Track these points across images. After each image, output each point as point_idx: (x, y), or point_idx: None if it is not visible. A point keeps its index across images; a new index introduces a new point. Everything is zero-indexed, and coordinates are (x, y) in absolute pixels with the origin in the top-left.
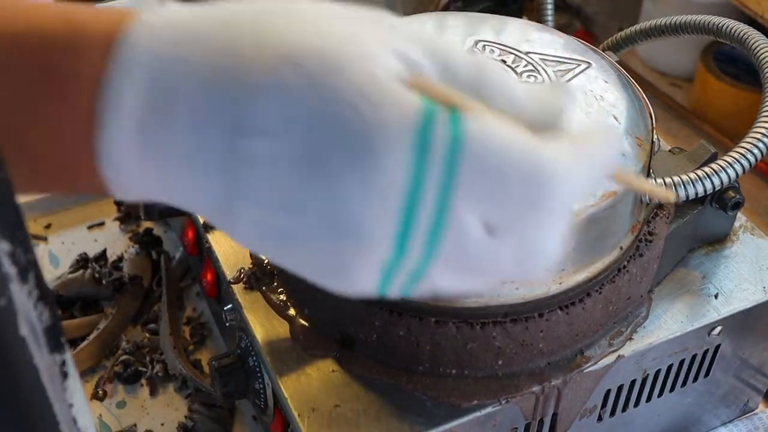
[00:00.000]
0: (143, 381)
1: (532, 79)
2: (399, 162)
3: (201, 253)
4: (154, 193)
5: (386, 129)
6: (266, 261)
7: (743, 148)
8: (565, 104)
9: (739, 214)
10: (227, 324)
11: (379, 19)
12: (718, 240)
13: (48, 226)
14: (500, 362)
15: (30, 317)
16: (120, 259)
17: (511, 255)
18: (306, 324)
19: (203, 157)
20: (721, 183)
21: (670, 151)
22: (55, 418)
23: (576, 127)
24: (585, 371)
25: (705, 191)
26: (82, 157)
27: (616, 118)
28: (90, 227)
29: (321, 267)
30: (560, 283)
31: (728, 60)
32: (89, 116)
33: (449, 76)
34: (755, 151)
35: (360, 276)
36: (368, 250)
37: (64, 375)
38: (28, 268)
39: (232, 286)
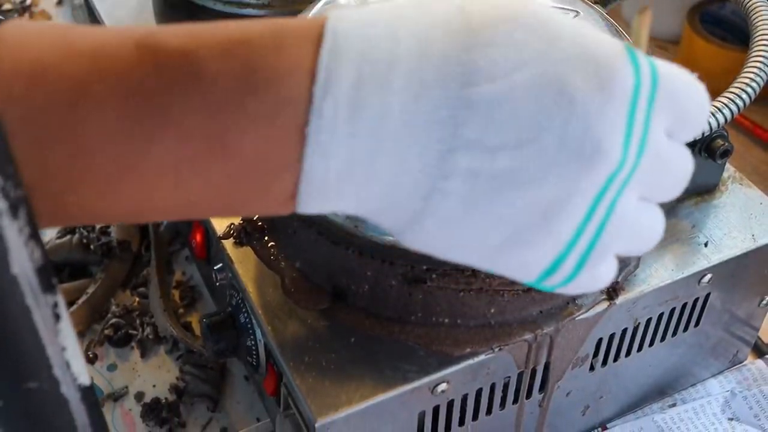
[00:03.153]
0: (134, 344)
1: None
2: (629, 81)
3: None
4: (350, 186)
5: (617, 56)
6: (255, 215)
7: (731, 93)
8: None
9: (728, 165)
10: (217, 284)
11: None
12: (708, 190)
13: None
14: (492, 311)
15: (21, 255)
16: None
17: (684, 156)
18: (297, 277)
19: (420, 117)
20: (710, 128)
21: None
22: (48, 362)
23: None
24: (577, 319)
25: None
26: (286, 153)
27: None
28: None
29: (531, 213)
30: None
31: (714, 21)
32: (298, 107)
33: None
34: (743, 95)
35: (572, 210)
36: (601, 164)
37: (57, 317)
38: (18, 204)
39: (222, 242)
